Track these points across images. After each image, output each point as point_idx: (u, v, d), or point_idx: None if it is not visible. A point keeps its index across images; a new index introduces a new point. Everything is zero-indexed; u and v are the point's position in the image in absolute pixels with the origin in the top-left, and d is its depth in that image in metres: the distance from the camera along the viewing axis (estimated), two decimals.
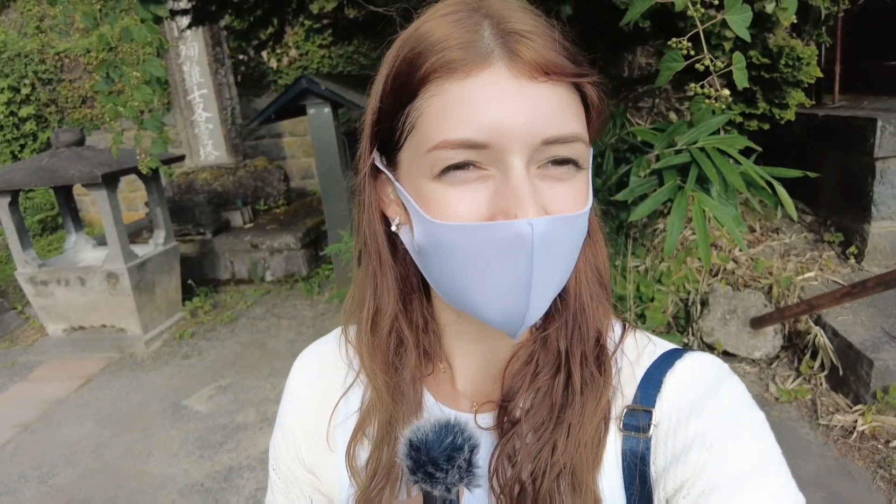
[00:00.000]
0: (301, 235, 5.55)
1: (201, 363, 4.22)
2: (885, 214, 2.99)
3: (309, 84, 2.56)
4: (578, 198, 0.51)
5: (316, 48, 6.97)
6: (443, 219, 0.49)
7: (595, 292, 0.60)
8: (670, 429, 0.54)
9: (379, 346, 0.61)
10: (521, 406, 0.58)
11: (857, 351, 2.44)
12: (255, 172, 6.56)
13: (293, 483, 0.70)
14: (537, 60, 0.46)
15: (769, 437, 0.53)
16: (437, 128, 0.48)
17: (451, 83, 0.47)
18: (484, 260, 0.48)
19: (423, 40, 0.49)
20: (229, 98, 6.37)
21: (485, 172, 0.48)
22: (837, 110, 3.25)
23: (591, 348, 0.58)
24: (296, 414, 0.70)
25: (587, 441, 0.55)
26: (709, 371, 0.57)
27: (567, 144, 0.48)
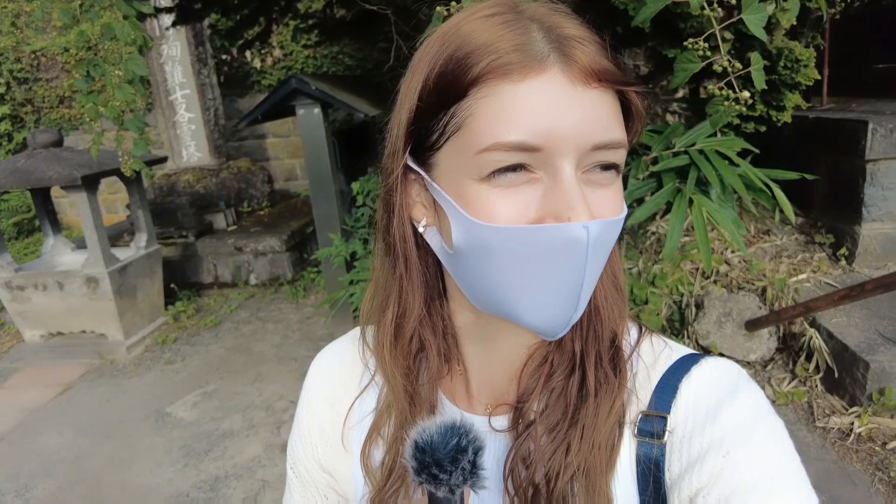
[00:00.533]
0: (286, 238, 5.48)
1: (185, 369, 4.13)
2: (876, 216, 3.01)
3: (299, 84, 2.49)
4: (619, 202, 0.52)
5: (300, 48, 6.89)
6: (489, 221, 0.48)
7: (610, 294, 0.60)
8: (686, 435, 0.54)
9: (402, 350, 0.61)
10: (536, 408, 0.58)
11: (853, 353, 2.44)
12: (238, 174, 6.46)
13: (310, 482, 0.71)
14: (592, 66, 0.47)
15: (787, 444, 0.52)
16: (489, 129, 0.47)
17: (505, 85, 0.47)
18: (533, 263, 0.49)
19: (471, 40, 0.48)
20: (212, 98, 6.26)
21: (533, 175, 0.48)
22: (827, 112, 3.27)
23: (605, 349, 0.58)
24: (312, 414, 0.71)
25: (601, 442, 0.55)
26: (726, 377, 0.56)
27: (613, 150, 0.49)
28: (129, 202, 4.62)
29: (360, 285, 2.84)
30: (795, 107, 2.08)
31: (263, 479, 2.90)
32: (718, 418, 0.53)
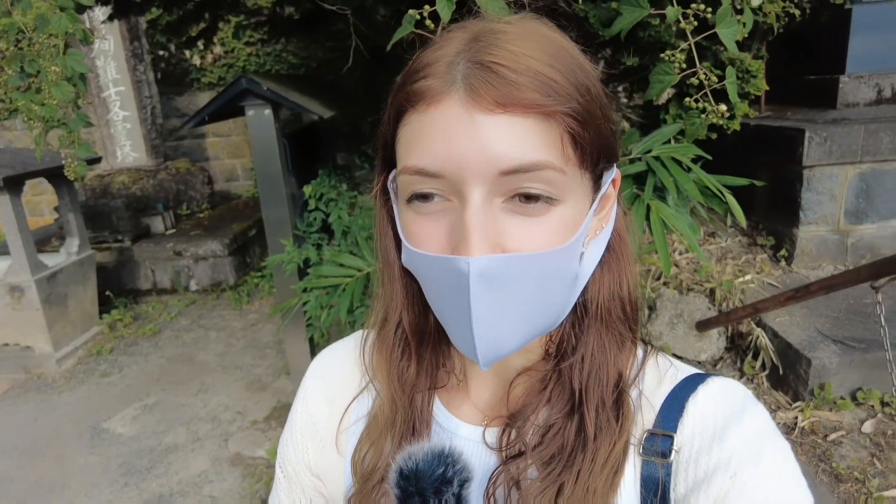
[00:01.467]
0: (228, 241, 5.29)
1: (122, 381, 3.91)
2: (812, 219, 3.17)
3: (249, 84, 2.39)
4: (555, 234, 0.49)
5: (242, 46, 6.67)
6: (414, 244, 0.52)
7: (617, 330, 0.58)
8: (692, 455, 0.53)
9: (385, 353, 0.63)
10: (531, 435, 0.57)
11: (796, 350, 2.56)
12: (176, 175, 6.18)
13: (297, 483, 0.71)
14: (491, 94, 0.46)
15: (794, 467, 0.52)
16: (403, 155, 0.50)
17: (415, 115, 0.49)
18: (441, 291, 0.51)
19: (411, 68, 0.51)
20: (149, 96, 5.96)
21: (447, 203, 0.49)
22: (767, 120, 3.43)
23: (609, 393, 0.56)
24: (307, 416, 0.71)
25: (597, 489, 0.54)
26: (732, 397, 0.56)
27: (531, 174, 0.47)
28: (58, 204, 4.34)
29: (314, 293, 2.75)
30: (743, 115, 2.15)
31: (211, 494, 2.77)
32: (726, 439, 0.52)
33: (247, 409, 3.45)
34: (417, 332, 0.61)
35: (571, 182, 0.49)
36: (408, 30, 1.14)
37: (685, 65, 1.06)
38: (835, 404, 2.51)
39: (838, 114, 3.35)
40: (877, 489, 2.16)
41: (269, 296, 5.13)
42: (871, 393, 2.51)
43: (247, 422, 3.33)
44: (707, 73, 1.07)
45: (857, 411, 2.51)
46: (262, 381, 3.76)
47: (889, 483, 2.19)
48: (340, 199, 3.02)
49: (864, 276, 1.91)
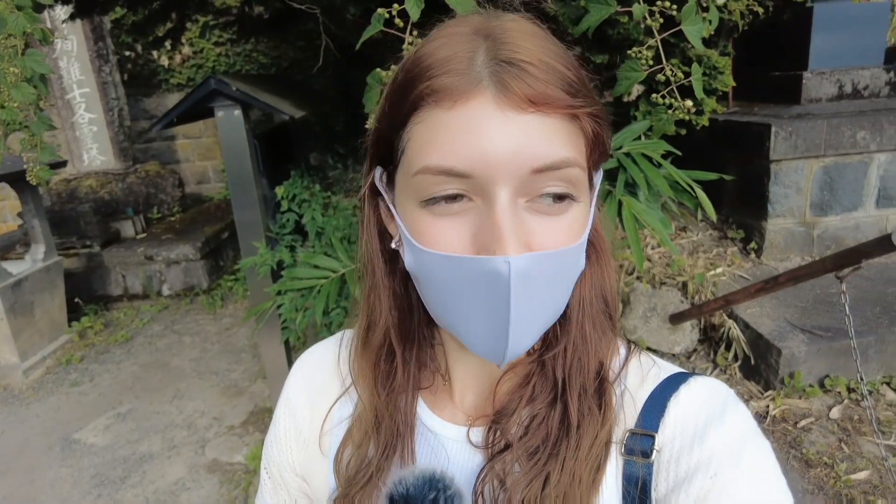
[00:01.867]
0: (200, 245, 5.21)
1: (94, 390, 3.82)
2: (779, 212, 3.24)
3: (218, 85, 2.35)
4: (571, 232, 0.50)
5: (211, 46, 6.57)
6: (429, 246, 0.50)
7: (599, 321, 0.59)
8: (673, 455, 0.54)
9: (368, 359, 0.62)
10: (515, 430, 0.57)
11: (767, 341, 2.61)
12: (146, 178, 6.06)
13: (281, 485, 0.71)
14: (525, 92, 0.46)
15: (775, 466, 0.52)
16: (421, 154, 0.48)
17: (437, 111, 0.47)
18: (465, 293, 0.49)
19: (420, 63, 0.49)
20: (115, 98, 5.83)
21: (470, 203, 0.48)
22: (734, 116, 3.50)
23: (591, 381, 0.57)
24: (290, 417, 0.71)
25: (582, 476, 0.54)
26: (714, 397, 0.57)
27: (560, 171, 0.47)
28: (22, 210, 4.22)
29: (289, 296, 2.72)
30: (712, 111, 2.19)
31: (189, 502, 2.73)
32: (707, 438, 0.53)
33: (223, 415, 3.40)
34: (402, 336, 0.61)
35: (585, 181, 0.51)
36: (377, 28, 1.13)
37: (652, 61, 1.07)
38: (804, 392, 2.57)
39: (802, 109, 3.43)
40: (844, 473, 2.22)
41: (243, 299, 5.07)
42: (837, 380, 2.58)
43: (223, 427, 3.29)
44: (673, 70, 1.08)
45: (826, 398, 2.58)
46: (238, 386, 3.71)
47: (856, 466, 2.26)
48: (314, 199, 2.99)
49: (829, 267, 1.95)
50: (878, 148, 3.24)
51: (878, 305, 2.82)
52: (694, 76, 1.09)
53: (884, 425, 2.41)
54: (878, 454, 2.25)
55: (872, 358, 2.60)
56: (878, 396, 2.58)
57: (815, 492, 2.20)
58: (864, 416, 2.41)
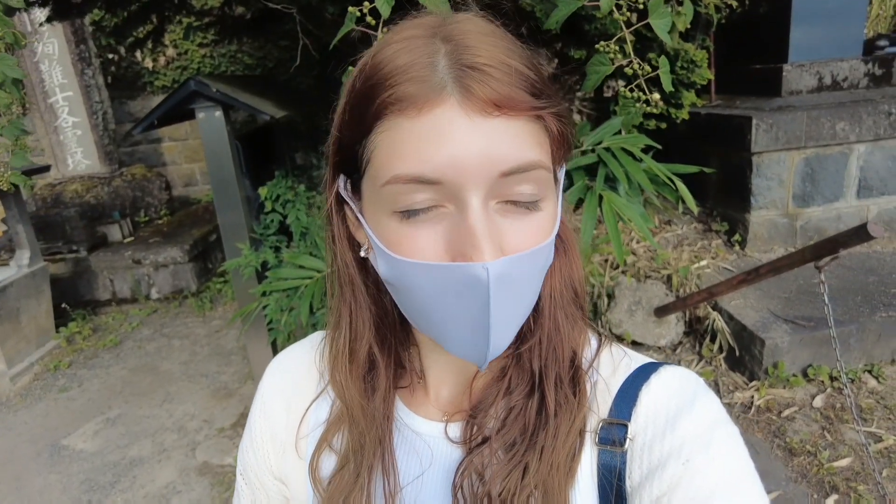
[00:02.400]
0: (188, 248, 5.19)
1: (83, 395, 3.80)
2: (762, 204, 3.27)
3: (198, 86, 2.34)
4: (541, 230, 0.51)
5: (196, 47, 6.52)
6: (404, 255, 0.49)
7: (570, 311, 0.60)
8: (646, 443, 0.55)
9: (356, 370, 0.61)
10: (492, 423, 0.58)
11: (751, 332, 2.64)
12: (132, 181, 6.02)
13: (259, 489, 0.71)
14: (490, 96, 0.45)
15: (743, 452, 0.54)
16: (389, 163, 0.48)
17: (402, 119, 0.47)
18: (443, 299, 0.49)
19: (378, 70, 0.48)
20: (99, 101, 5.78)
21: (443, 209, 0.48)
22: (716, 109, 3.52)
23: (565, 370, 0.58)
24: (265, 419, 0.70)
25: (560, 463, 0.55)
26: (684, 385, 0.58)
27: (527, 174, 0.48)
28: (5, 216, 4.18)
29: (274, 296, 2.72)
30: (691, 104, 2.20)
31: None
32: (678, 426, 0.54)
33: (213, 417, 3.39)
34: (381, 342, 0.61)
35: (551, 180, 0.51)
36: (350, 27, 1.13)
37: (620, 55, 1.08)
38: (787, 382, 2.60)
39: (783, 101, 3.45)
40: (827, 460, 2.25)
41: (232, 301, 5.05)
42: (820, 369, 2.61)
43: (214, 430, 3.28)
44: (640, 63, 1.09)
45: (809, 387, 2.61)
46: (228, 388, 3.70)
47: (839, 454, 2.28)
48: (298, 199, 2.99)
49: (808, 257, 1.97)
50: (857, 139, 3.27)
51: (859, 294, 2.85)
52: (661, 69, 1.10)
53: (865, 413, 2.44)
54: (859, 441, 2.28)
55: (854, 346, 2.63)
56: (859, 384, 2.61)
57: (798, 480, 2.22)
58: (846, 404, 2.44)
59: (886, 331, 2.66)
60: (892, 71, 3.68)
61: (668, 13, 1.09)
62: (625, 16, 1.06)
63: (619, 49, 1.08)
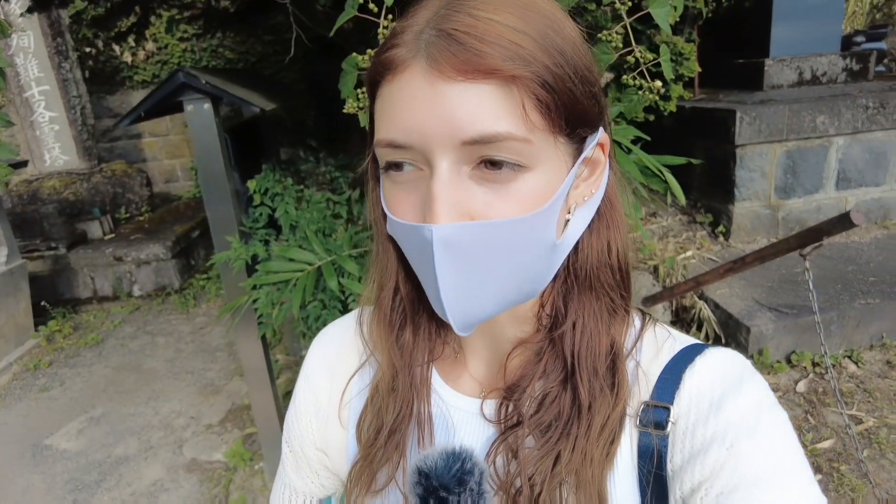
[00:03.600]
0: (171, 244, 5.13)
1: (65, 394, 3.73)
2: (746, 196, 3.34)
3: (187, 78, 2.31)
4: (521, 202, 0.48)
5: (176, 42, 6.43)
6: (391, 213, 0.53)
7: (609, 296, 0.57)
8: (689, 426, 0.53)
9: (385, 321, 0.63)
10: (528, 405, 0.57)
11: (736, 320, 2.69)
12: (113, 178, 5.92)
13: (303, 458, 0.73)
14: (451, 62, 0.45)
15: (791, 438, 0.52)
16: (378, 128, 0.51)
17: (385, 85, 0.49)
18: (415, 256, 0.52)
19: (389, 35, 0.51)
20: (77, 95, 5.67)
21: (420, 172, 0.49)
22: (701, 103, 3.58)
23: (602, 361, 0.56)
24: (310, 393, 0.72)
25: (594, 456, 0.54)
26: (730, 368, 0.55)
27: (494, 145, 0.46)
28: None
29: (264, 290, 2.70)
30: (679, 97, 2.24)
31: (168, 503, 2.70)
32: (722, 410, 0.52)
33: (200, 414, 3.37)
34: (412, 300, 0.62)
35: (541, 149, 0.47)
36: (351, 14, 1.13)
37: (621, 44, 1.10)
38: (772, 368, 2.66)
39: (765, 95, 3.52)
40: (811, 442, 2.31)
41: (216, 298, 5.01)
42: (803, 355, 2.68)
43: (201, 426, 3.25)
44: (642, 52, 1.12)
45: (792, 373, 2.67)
46: (214, 385, 3.67)
47: (822, 436, 2.35)
48: (286, 193, 2.97)
49: (793, 245, 2.02)
50: (836, 132, 3.35)
51: (839, 283, 2.93)
52: (662, 57, 1.12)
53: (846, 396, 2.51)
54: (841, 423, 2.34)
55: (834, 333, 2.71)
56: (840, 369, 2.68)
57: None
58: (828, 388, 2.50)
59: (865, 317, 2.74)
60: (869, 66, 3.78)
61: (667, 3, 1.11)
62: (626, 5, 1.08)
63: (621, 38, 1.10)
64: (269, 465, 2.72)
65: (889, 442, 2.31)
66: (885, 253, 3.27)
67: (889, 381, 2.62)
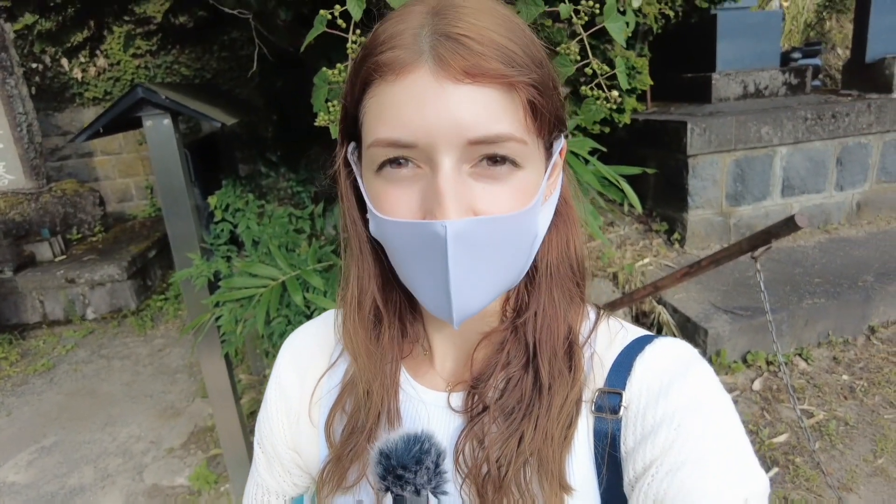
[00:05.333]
0: (126, 265, 4.97)
1: (12, 425, 3.56)
2: (699, 204, 3.47)
3: (146, 93, 2.28)
4: (516, 198, 0.52)
5: (129, 58, 6.29)
6: (384, 213, 0.53)
7: (567, 287, 0.61)
8: (640, 410, 0.57)
9: (362, 322, 0.64)
10: (492, 393, 0.59)
11: (694, 323, 2.79)
12: (63, 197, 5.72)
13: (275, 458, 0.74)
14: (460, 64, 0.47)
15: (734, 418, 0.56)
16: (374, 127, 0.51)
17: (384, 85, 0.50)
18: (413, 256, 0.53)
19: (373, 41, 0.52)
20: (23, 112, 5.46)
21: (419, 171, 0.51)
22: (653, 115, 3.72)
23: (560, 344, 0.59)
24: (280, 393, 0.73)
25: (554, 434, 0.57)
26: (678, 355, 0.60)
27: (496, 145, 0.49)
28: None
29: (227, 306, 2.65)
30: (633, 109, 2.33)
31: None
32: (671, 393, 0.56)
33: (161, 438, 3.26)
34: (385, 302, 0.64)
35: (531, 150, 0.52)
36: (320, 30, 1.15)
37: (579, 57, 1.16)
38: (730, 368, 2.76)
39: (713, 107, 3.69)
40: (767, 437, 2.41)
41: (174, 318, 4.88)
42: (757, 354, 2.79)
43: (162, 450, 3.15)
44: (599, 65, 1.17)
45: (748, 372, 2.78)
46: (175, 407, 3.56)
47: (777, 431, 2.45)
48: (248, 208, 2.94)
49: (744, 248, 2.11)
50: (779, 142, 3.53)
51: (787, 285, 3.07)
52: (619, 69, 1.18)
53: (798, 392, 2.63)
54: (794, 418, 2.45)
55: (785, 332, 2.83)
56: (792, 367, 2.80)
57: None
58: (781, 385, 2.61)
59: (813, 317, 2.88)
60: (806, 80, 4.00)
61: (622, 18, 1.17)
62: (583, 19, 1.13)
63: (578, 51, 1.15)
64: (236, 487, 2.66)
65: (838, 433, 2.43)
66: (827, 255, 3.44)
67: (836, 376, 2.75)
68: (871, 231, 3.84)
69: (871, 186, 3.90)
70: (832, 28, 7.38)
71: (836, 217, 3.87)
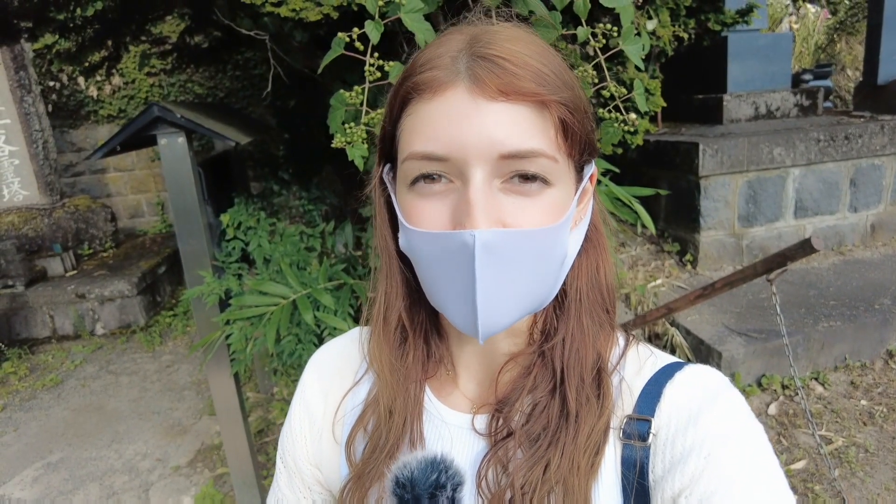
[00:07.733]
0: (136, 281, 5.00)
1: (19, 440, 3.55)
2: (711, 225, 3.45)
3: (161, 112, 2.30)
4: (546, 214, 0.53)
5: (144, 76, 6.39)
6: (415, 225, 0.54)
7: (596, 314, 0.61)
8: (669, 437, 0.56)
9: (387, 339, 0.65)
10: (517, 418, 0.59)
11: (708, 345, 2.75)
12: (75, 213, 5.77)
13: (296, 473, 0.74)
14: (494, 83, 0.50)
15: (766, 447, 0.55)
16: (409, 142, 0.54)
17: (421, 103, 0.53)
18: (442, 267, 0.53)
19: (413, 64, 0.55)
20: (40, 130, 5.55)
21: (450, 185, 0.52)
22: (664, 136, 3.72)
23: (588, 372, 0.59)
24: (304, 410, 0.73)
25: (581, 463, 0.56)
26: (708, 383, 0.59)
27: (527, 160, 0.51)
28: None
29: (238, 324, 2.65)
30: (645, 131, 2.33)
31: None
32: (700, 421, 0.55)
33: (167, 456, 3.24)
34: (412, 320, 0.64)
35: (562, 169, 0.54)
36: (338, 52, 1.15)
37: (596, 79, 1.16)
38: (744, 391, 2.72)
39: (725, 129, 3.68)
40: (785, 464, 2.35)
41: (183, 335, 4.88)
42: (772, 378, 2.74)
43: (168, 468, 3.13)
44: (616, 86, 1.17)
45: (763, 396, 2.73)
46: (182, 425, 3.54)
47: (794, 457, 2.39)
48: (259, 226, 2.95)
49: (759, 271, 2.09)
50: (792, 163, 3.52)
51: (802, 307, 3.03)
52: (636, 91, 1.18)
53: (815, 417, 2.58)
54: (812, 444, 2.40)
55: (801, 356, 2.79)
56: (808, 391, 2.75)
57: None
58: (798, 410, 2.56)
59: (829, 340, 2.83)
60: (818, 102, 4.00)
61: (639, 40, 1.17)
62: (600, 43, 1.13)
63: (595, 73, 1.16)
64: None
65: (858, 460, 2.37)
66: (842, 278, 3.40)
67: (854, 401, 2.70)
68: (886, 253, 3.80)
69: (886, 208, 3.87)
70: (842, 50, 7.40)
71: (850, 239, 3.84)
